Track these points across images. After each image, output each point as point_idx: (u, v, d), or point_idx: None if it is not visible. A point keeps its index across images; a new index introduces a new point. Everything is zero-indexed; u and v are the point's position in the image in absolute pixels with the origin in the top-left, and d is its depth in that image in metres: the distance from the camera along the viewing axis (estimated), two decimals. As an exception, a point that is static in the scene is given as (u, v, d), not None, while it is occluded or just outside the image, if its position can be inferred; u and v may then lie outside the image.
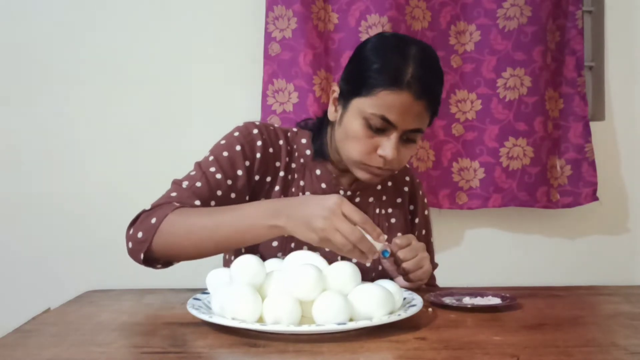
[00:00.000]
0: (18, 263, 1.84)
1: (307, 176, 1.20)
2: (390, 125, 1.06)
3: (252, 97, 1.83)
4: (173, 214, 1.02)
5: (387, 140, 1.07)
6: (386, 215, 1.26)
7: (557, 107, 1.92)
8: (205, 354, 0.76)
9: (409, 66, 1.04)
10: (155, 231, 1.01)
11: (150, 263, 1.06)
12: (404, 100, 1.04)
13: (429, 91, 1.07)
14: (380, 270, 1.21)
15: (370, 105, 1.05)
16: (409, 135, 1.09)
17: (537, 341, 0.81)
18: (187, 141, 1.82)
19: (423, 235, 1.33)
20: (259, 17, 1.82)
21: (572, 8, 1.89)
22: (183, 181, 1.11)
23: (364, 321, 0.82)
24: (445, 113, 1.90)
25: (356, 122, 1.08)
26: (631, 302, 1.06)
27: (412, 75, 1.04)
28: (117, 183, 1.84)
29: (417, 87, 1.04)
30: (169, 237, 1.01)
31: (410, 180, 1.31)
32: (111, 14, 1.85)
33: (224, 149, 1.14)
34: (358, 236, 0.89)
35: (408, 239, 1.09)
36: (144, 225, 1.03)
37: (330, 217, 0.90)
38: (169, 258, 1.06)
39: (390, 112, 1.04)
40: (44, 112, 1.85)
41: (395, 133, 1.06)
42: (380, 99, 1.04)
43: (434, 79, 1.10)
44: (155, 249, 1.03)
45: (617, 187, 1.97)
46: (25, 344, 0.80)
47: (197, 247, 1.02)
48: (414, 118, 1.06)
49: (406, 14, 1.81)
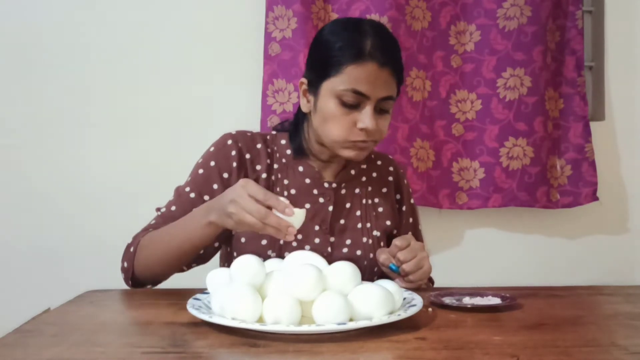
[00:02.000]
0: (18, 263, 1.84)
1: (291, 174, 1.23)
2: (363, 97, 1.11)
3: (252, 97, 1.83)
4: (143, 239, 1.12)
5: (363, 113, 1.12)
6: (373, 205, 1.28)
7: (557, 107, 1.92)
8: (205, 354, 0.76)
9: (367, 39, 1.11)
10: (134, 258, 1.12)
11: (141, 285, 1.16)
12: (370, 69, 1.10)
13: (391, 58, 1.12)
14: (376, 271, 1.21)
15: (341, 82, 1.11)
16: (381, 105, 1.13)
17: (537, 341, 0.80)
18: (188, 141, 1.81)
19: (411, 223, 1.35)
20: (259, 17, 1.83)
21: (572, 8, 1.89)
22: (162, 208, 1.20)
23: (364, 321, 0.82)
24: (445, 113, 1.90)
25: (330, 102, 1.13)
26: (631, 302, 1.06)
27: (372, 46, 1.10)
28: (118, 183, 1.84)
29: (379, 55, 1.10)
30: (143, 261, 1.12)
31: (395, 170, 1.34)
32: (112, 13, 1.85)
33: (200, 167, 1.21)
34: (262, 213, 0.93)
35: (407, 240, 1.09)
36: (126, 255, 1.14)
37: (237, 200, 0.95)
38: (151, 279, 1.16)
39: (360, 84, 1.10)
40: (45, 113, 1.85)
41: (369, 104, 1.11)
42: (348, 74, 1.10)
43: (392, 47, 1.15)
44: (138, 274, 1.14)
45: (617, 187, 1.97)
46: (25, 344, 0.80)
47: (163, 263, 1.12)
48: (382, 86, 1.11)
49: (406, 14, 1.81)
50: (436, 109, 1.89)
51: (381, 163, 1.34)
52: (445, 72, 1.90)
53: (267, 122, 1.79)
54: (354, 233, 1.23)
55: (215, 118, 1.84)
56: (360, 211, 1.26)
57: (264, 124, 1.80)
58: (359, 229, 1.24)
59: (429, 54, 1.88)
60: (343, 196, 1.25)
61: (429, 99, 1.88)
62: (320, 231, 1.20)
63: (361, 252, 1.22)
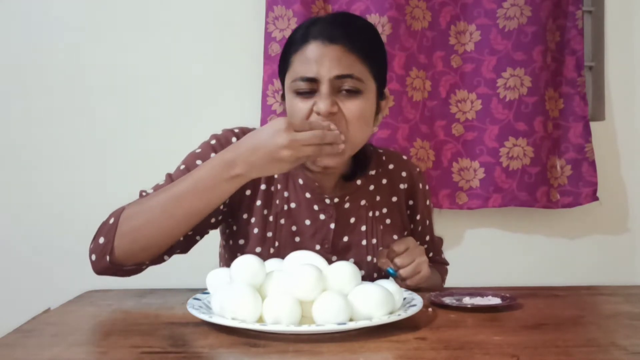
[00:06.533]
0: (18, 263, 1.84)
1: (291, 186, 1.15)
2: (312, 81, 1.04)
3: (252, 97, 1.83)
4: (128, 206, 1.01)
5: (317, 96, 1.05)
6: (380, 216, 1.20)
7: (557, 107, 1.92)
8: (205, 354, 0.76)
9: (313, 25, 1.06)
10: (116, 229, 0.98)
11: (118, 269, 1.02)
12: (312, 50, 1.04)
13: (342, 35, 1.04)
14: (375, 278, 1.18)
15: (291, 75, 1.07)
16: (341, 84, 1.04)
17: (537, 341, 0.81)
18: (188, 141, 1.80)
19: (427, 225, 1.29)
20: (259, 17, 1.83)
21: (572, 8, 1.89)
22: (147, 190, 1.08)
23: (364, 321, 0.82)
24: (445, 113, 1.90)
25: (289, 99, 1.09)
26: (631, 302, 1.06)
27: (316, 30, 1.05)
28: (118, 183, 1.84)
29: (323, 35, 1.04)
30: (131, 229, 0.98)
31: (408, 175, 1.24)
32: (111, 14, 1.85)
33: (198, 157, 1.11)
34: (320, 135, 0.92)
35: (405, 244, 1.08)
36: (102, 230, 1.01)
37: (289, 141, 0.91)
38: (136, 255, 1.00)
39: (304, 68, 1.04)
40: (45, 113, 1.85)
41: (322, 86, 1.04)
42: (294, 63, 1.06)
43: (347, 25, 1.07)
44: (120, 247, 0.98)
45: (617, 187, 1.97)
46: (25, 344, 0.80)
47: (163, 228, 0.99)
48: (332, 63, 1.03)
49: (406, 14, 1.81)
50: (436, 109, 1.89)
51: (393, 167, 1.23)
52: (445, 72, 1.90)
53: (267, 122, 1.79)
54: (358, 251, 1.16)
55: (216, 118, 1.83)
56: (366, 226, 1.17)
57: (264, 124, 1.79)
58: (364, 246, 1.17)
59: (429, 54, 1.88)
60: (346, 211, 1.17)
61: (429, 99, 1.88)
62: (322, 250, 1.14)
63: (365, 272, 1.15)
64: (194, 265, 1.23)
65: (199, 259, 1.23)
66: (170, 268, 1.10)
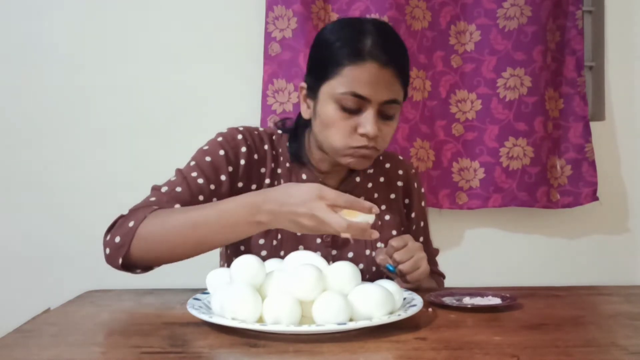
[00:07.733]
0: (18, 263, 1.84)
1: (294, 181, 1.18)
2: (363, 100, 1.05)
3: (252, 97, 1.83)
4: (150, 216, 1.00)
5: (364, 117, 1.06)
6: (379, 213, 1.21)
7: (557, 107, 1.92)
8: (205, 354, 0.76)
9: (367, 37, 1.05)
10: (134, 235, 0.99)
11: (129, 268, 1.03)
12: (370, 70, 1.04)
13: (393, 58, 1.06)
14: (374, 272, 1.20)
15: (339, 84, 1.05)
16: (385, 109, 1.07)
17: (537, 341, 0.80)
18: (188, 141, 1.80)
19: (421, 227, 1.31)
20: (259, 17, 1.83)
21: (572, 8, 1.89)
22: (162, 186, 1.10)
23: (364, 321, 0.82)
24: (445, 113, 1.90)
25: (330, 107, 1.07)
26: (631, 302, 1.06)
27: (372, 45, 1.04)
28: (118, 183, 1.84)
29: (380, 55, 1.04)
30: (147, 240, 0.99)
31: (405, 173, 1.28)
32: (111, 13, 1.85)
33: (207, 154, 1.13)
34: (344, 226, 0.88)
35: (404, 240, 1.08)
36: (121, 230, 1.01)
37: (317, 215, 0.89)
38: (148, 262, 1.03)
39: (360, 86, 1.04)
40: (45, 113, 1.85)
41: (370, 108, 1.05)
42: (347, 76, 1.04)
43: (395, 46, 1.09)
44: (134, 253, 1.00)
45: (617, 187, 1.97)
46: (25, 344, 0.80)
47: (175, 248, 1.00)
48: (385, 88, 1.05)
49: (406, 14, 1.81)
50: (436, 109, 1.89)
51: (390, 166, 1.28)
52: (445, 72, 1.90)
53: (267, 122, 1.79)
54: (357, 245, 1.19)
55: (216, 118, 1.83)
56: None
57: (264, 124, 1.80)
58: (362, 241, 1.19)
59: (429, 54, 1.88)
60: None
61: (429, 99, 1.88)
62: (322, 244, 1.18)
63: (364, 266, 1.18)
64: (194, 265, 1.23)
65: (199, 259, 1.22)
66: (171, 268, 1.10)
